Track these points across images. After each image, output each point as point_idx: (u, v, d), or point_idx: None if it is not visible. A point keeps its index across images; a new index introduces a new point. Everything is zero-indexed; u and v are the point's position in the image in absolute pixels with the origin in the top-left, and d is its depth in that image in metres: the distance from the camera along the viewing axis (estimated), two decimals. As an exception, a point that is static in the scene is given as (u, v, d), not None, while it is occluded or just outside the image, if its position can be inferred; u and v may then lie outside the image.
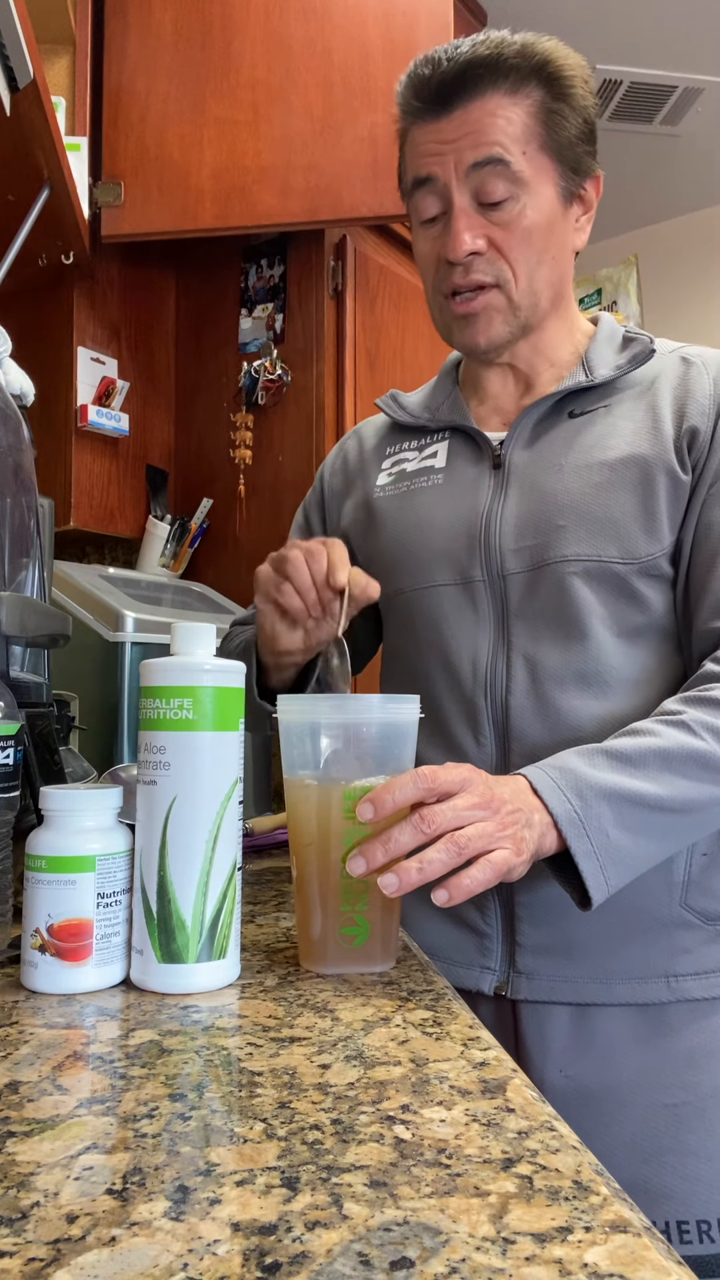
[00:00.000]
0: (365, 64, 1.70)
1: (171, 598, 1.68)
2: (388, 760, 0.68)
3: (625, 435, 0.87)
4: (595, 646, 0.85)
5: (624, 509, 0.85)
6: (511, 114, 0.85)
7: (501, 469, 0.92)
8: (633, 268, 3.60)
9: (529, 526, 0.88)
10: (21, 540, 0.87)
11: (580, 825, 0.71)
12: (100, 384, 1.84)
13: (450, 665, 0.91)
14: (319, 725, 0.68)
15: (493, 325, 0.90)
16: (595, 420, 0.90)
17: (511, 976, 0.86)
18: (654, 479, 0.85)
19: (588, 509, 0.86)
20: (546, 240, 0.88)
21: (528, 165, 0.86)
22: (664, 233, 3.58)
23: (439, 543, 0.92)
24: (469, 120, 0.86)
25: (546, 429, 0.92)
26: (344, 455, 1.09)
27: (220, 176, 1.73)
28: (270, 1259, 0.32)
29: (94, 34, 1.76)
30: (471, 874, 0.64)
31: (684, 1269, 0.32)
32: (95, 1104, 0.44)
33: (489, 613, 0.89)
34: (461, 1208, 0.35)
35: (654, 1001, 0.84)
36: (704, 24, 2.55)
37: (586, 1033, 0.85)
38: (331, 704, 0.70)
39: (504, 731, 0.87)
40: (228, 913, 0.62)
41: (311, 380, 1.87)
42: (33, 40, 1.17)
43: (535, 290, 0.89)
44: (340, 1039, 0.53)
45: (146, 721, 0.63)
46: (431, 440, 0.99)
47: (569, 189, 0.89)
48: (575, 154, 0.89)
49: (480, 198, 0.86)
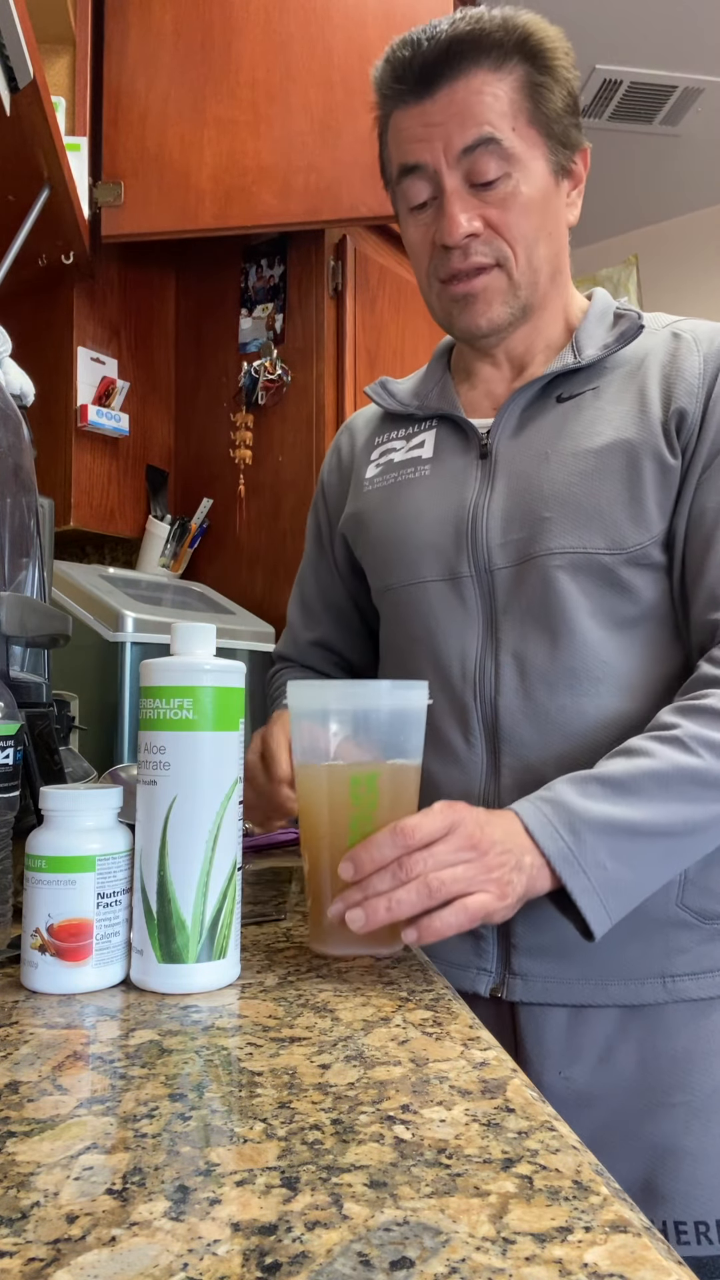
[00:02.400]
0: (365, 64, 1.69)
1: (171, 598, 1.68)
2: (396, 746, 0.68)
3: (612, 420, 0.85)
4: (584, 643, 0.83)
5: (610, 498, 0.83)
6: (498, 90, 0.83)
7: (489, 459, 0.90)
8: (633, 268, 3.60)
9: (515, 519, 0.86)
10: (21, 540, 0.87)
11: (575, 863, 0.70)
12: (100, 384, 1.84)
13: (440, 664, 0.89)
14: (328, 712, 0.68)
15: (493, 306, 0.88)
16: (583, 405, 0.88)
17: (507, 978, 0.86)
18: (640, 465, 0.83)
19: (573, 499, 0.84)
20: (542, 216, 0.87)
21: (518, 141, 0.84)
22: (664, 233, 3.58)
23: (426, 537, 0.90)
24: (455, 100, 0.83)
25: (534, 415, 0.90)
26: (338, 453, 1.08)
27: (220, 176, 1.73)
28: (270, 1259, 0.32)
29: (94, 34, 1.76)
30: (443, 917, 0.63)
31: (684, 1269, 0.32)
32: (95, 1104, 0.44)
33: (477, 610, 0.88)
34: (461, 1208, 0.35)
35: (650, 1002, 0.83)
36: (704, 24, 2.55)
37: (583, 1034, 0.84)
38: (340, 690, 0.70)
39: (493, 732, 0.86)
40: (228, 913, 0.62)
41: (311, 380, 1.87)
42: (33, 40, 1.17)
43: (535, 268, 0.88)
44: (340, 1039, 0.53)
45: (146, 721, 0.63)
46: (419, 429, 0.98)
47: (559, 163, 0.88)
48: (563, 126, 0.87)
49: (472, 179, 0.84)
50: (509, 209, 0.85)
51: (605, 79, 2.73)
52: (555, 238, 0.89)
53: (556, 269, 0.91)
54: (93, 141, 1.75)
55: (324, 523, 1.08)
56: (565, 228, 0.91)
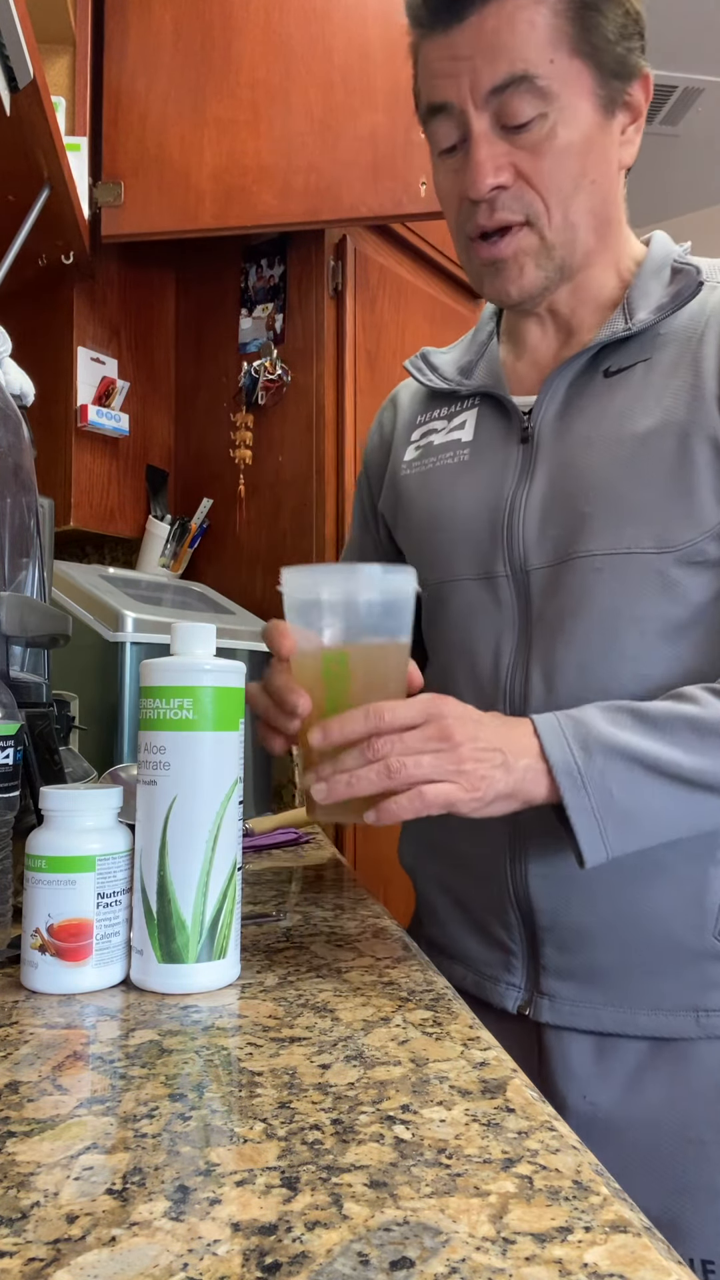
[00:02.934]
0: (365, 64, 1.70)
1: (171, 598, 1.68)
2: (380, 628, 0.68)
3: (663, 398, 0.76)
4: (620, 657, 0.76)
5: (658, 488, 0.74)
6: (534, 16, 0.72)
7: (530, 443, 0.82)
8: (633, 268, 3.60)
9: (552, 514, 0.79)
10: (21, 540, 0.87)
11: (578, 778, 0.67)
12: (100, 384, 1.83)
13: (475, 669, 0.83)
14: (319, 597, 0.68)
15: (525, 272, 0.79)
16: (631, 380, 0.79)
17: (535, 998, 0.82)
18: (693, 450, 0.74)
19: (615, 491, 0.75)
20: (583, 162, 0.76)
21: (558, 76, 0.73)
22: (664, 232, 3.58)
23: (461, 531, 0.84)
24: (485, 30, 0.73)
25: (580, 392, 0.81)
26: (380, 429, 1.01)
27: (220, 176, 1.73)
28: (270, 1259, 0.32)
29: (94, 34, 1.76)
30: (399, 801, 0.63)
31: (684, 1269, 0.32)
32: (95, 1104, 0.44)
33: (512, 613, 0.81)
34: (461, 1208, 0.35)
35: (681, 1036, 0.78)
36: (704, 24, 2.55)
37: (610, 1061, 0.80)
38: (330, 575, 0.70)
39: None
40: (228, 913, 0.62)
41: (311, 380, 1.87)
42: (33, 40, 1.17)
43: (572, 223, 0.78)
44: (340, 1039, 0.53)
45: (146, 721, 0.63)
46: (461, 407, 0.90)
47: (610, 96, 0.76)
48: (616, 54, 0.75)
49: (503, 120, 0.74)
50: (543, 155, 0.75)
51: (605, 79, 2.73)
52: (601, 184, 0.78)
53: (604, 219, 0.81)
54: (93, 141, 1.75)
55: (367, 502, 1.03)
56: (616, 170, 0.80)
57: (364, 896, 0.92)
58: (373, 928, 0.79)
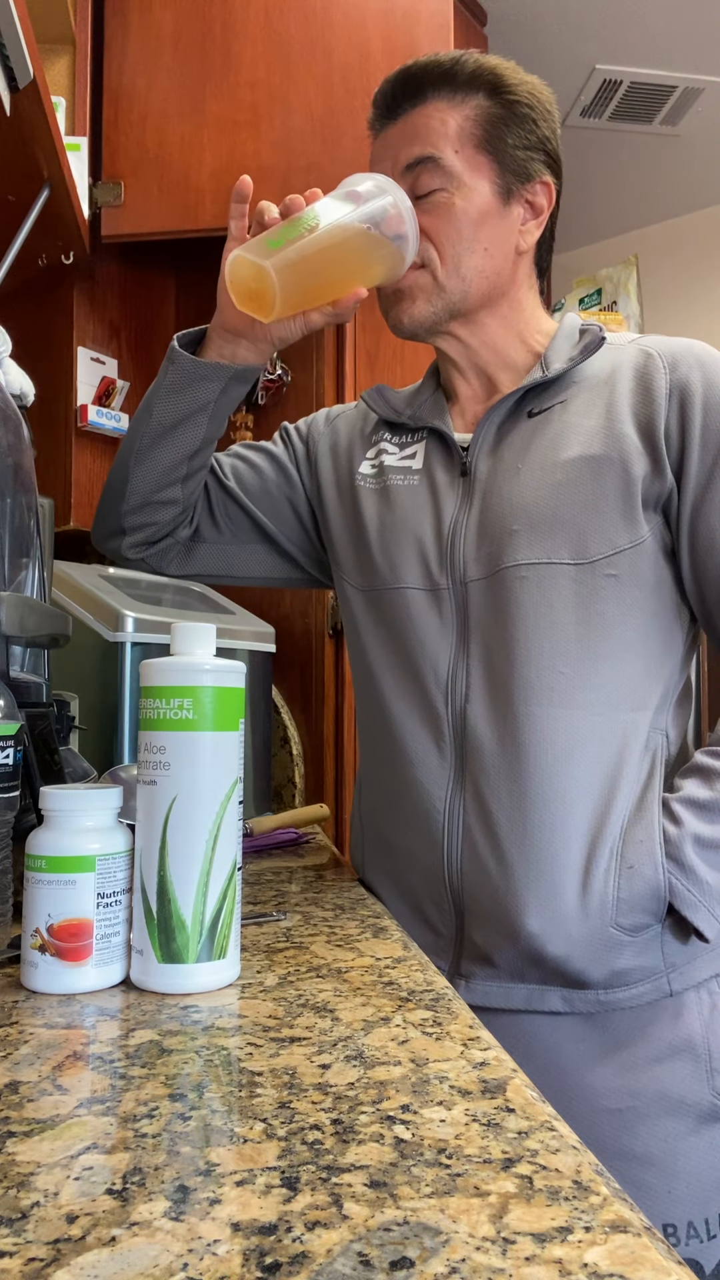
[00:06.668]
0: (365, 64, 1.70)
1: (171, 598, 1.68)
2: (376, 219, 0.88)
3: (580, 432, 0.89)
4: (540, 653, 0.86)
5: (575, 508, 0.86)
6: (448, 116, 0.91)
7: (469, 476, 0.94)
8: (633, 268, 3.59)
9: (487, 534, 0.90)
10: (21, 540, 0.87)
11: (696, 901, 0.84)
12: (100, 384, 1.83)
13: (415, 669, 0.93)
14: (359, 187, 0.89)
15: (416, 303, 0.94)
16: (551, 418, 0.91)
17: (456, 980, 0.89)
18: (604, 478, 0.86)
19: (538, 511, 0.87)
20: (477, 230, 0.92)
21: (460, 161, 0.91)
22: (664, 233, 3.58)
23: (412, 547, 0.94)
24: (410, 125, 0.93)
25: (508, 431, 0.94)
26: (329, 420, 1.10)
27: (220, 176, 1.73)
28: (270, 1259, 0.32)
29: (94, 34, 1.76)
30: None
31: (684, 1269, 0.32)
32: (95, 1104, 0.44)
33: (453, 620, 0.91)
34: (461, 1208, 0.35)
35: (591, 1011, 0.86)
36: (704, 24, 2.54)
37: (527, 1038, 0.87)
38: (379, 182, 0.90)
39: (461, 739, 0.89)
40: (228, 913, 0.62)
41: (311, 380, 1.87)
42: (33, 40, 1.17)
43: (463, 275, 0.93)
44: (340, 1039, 0.53)
45: (146, 721, 0.63)
46: (411, 440, 1.01)
47: (507, 188, 0.93)
48: (517, 158, 0.93)
49: (415, 191, 0.92)
50: (439, 216, 0.91)
51: (605, 79, 2.72)
52: (494, 256, 0.93)
53: (495, 287, 0.95)
54: (93, 141, 1.75)
55: (300, 456, 1.09)
56: (512, 251, 0.95)
57: (364, 896, 0.92)
58: (373, 928, 0.79)
